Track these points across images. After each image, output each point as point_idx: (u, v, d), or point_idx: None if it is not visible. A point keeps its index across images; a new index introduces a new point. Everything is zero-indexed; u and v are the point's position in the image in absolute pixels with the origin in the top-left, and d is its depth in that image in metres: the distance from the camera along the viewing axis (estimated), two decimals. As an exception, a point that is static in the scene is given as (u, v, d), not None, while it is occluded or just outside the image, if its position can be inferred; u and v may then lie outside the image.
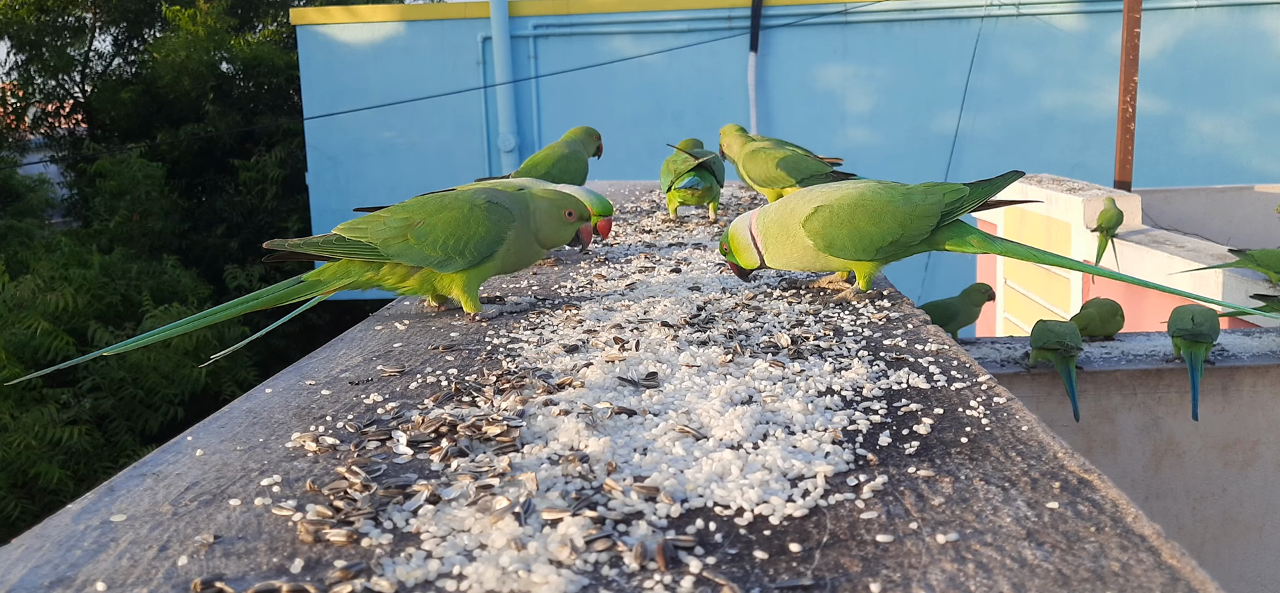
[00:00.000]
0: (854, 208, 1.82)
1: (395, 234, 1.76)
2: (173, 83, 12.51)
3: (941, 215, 1.81)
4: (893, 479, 0.98)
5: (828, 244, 1.82)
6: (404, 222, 1.78)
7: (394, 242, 1.76)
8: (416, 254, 1.76)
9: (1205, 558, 2.65)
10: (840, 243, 1.81)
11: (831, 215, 1.82)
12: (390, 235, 1.76)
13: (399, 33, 10.79)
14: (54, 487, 6.74)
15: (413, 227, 1.76)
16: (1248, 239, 5.51)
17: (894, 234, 1.80)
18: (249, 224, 12.06)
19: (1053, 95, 10.25)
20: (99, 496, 1.00)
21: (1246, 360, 2.61)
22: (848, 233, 1.81)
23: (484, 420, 1.17)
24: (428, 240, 1.76)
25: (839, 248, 1.82)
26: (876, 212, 1.81)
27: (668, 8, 10.34)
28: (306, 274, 1.82)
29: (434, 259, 1.76)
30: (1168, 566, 0.77)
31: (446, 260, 1.76)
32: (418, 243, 1.76)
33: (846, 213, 1.82)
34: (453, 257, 1.76)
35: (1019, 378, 2.58)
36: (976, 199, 1.84)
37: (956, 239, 1.85)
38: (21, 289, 7.73)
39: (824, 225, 1.82)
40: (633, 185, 4.15)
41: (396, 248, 1.76)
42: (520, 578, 0.79)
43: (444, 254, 1.76)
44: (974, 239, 1.85)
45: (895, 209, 1.81)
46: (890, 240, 1.81)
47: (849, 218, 1.81)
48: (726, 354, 1.44)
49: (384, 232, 1.77)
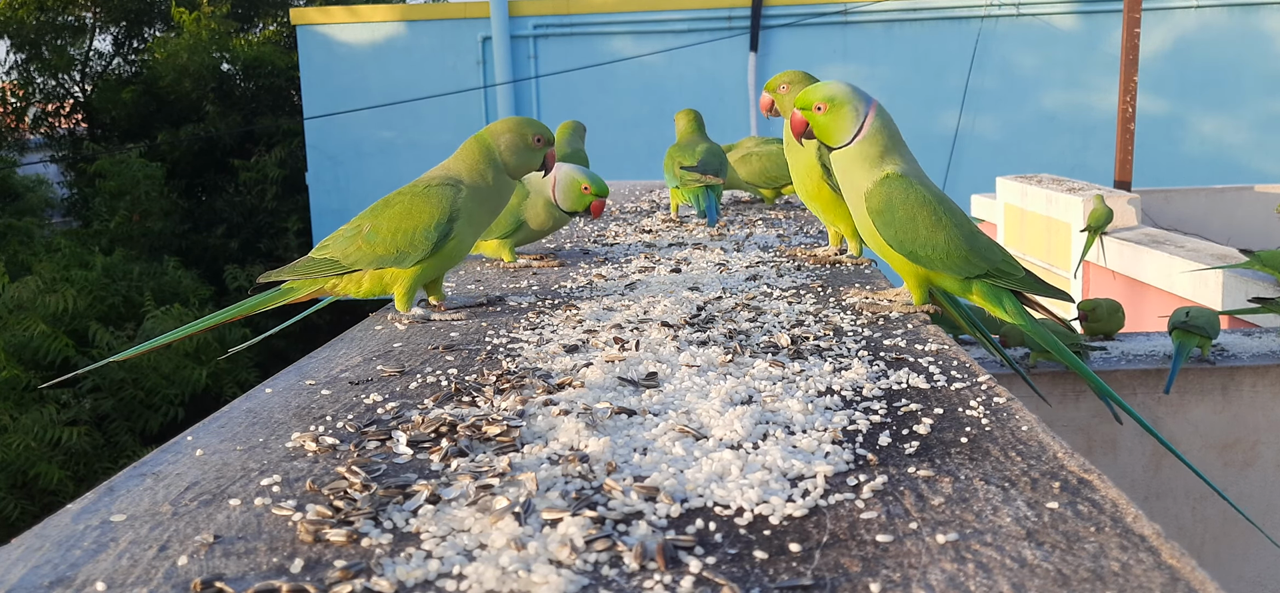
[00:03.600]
0: (924, 203, 1.66)
1: (349, 243, 1.76)
2: (173, 83, 12.52)
3: (986, 272, 1.69)
4: (893, 479, 0.98)
5: (879, 207, 1.67)
6: (355, 228, 1.77)
7: (350, 251, 1.75)
8: (370, 257, 1.74)
9: (1205, 558, 2.65)
10: (895, 215, 1.66)
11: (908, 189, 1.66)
12: (346, 246, 1.76)
13: (399, 33, 10.79)
14: (54, 488, 6.74)
15: (361, 231, 1.75)
16: (1248, 239, 5.51)
17: (941, 250, 1.67)
18: (249, 224, 12.06)
19: (1053, 95, 10.25)
20: (99, 496, 1.00)
21: (1246, 360, 2.61)
22: (906, 213, 1.66)
23: (484, 420, 1.17)
24: (377, 240, 1.74)
25: (885, 222, 1.67)
26: (937, 219, 1.66)
27: (668, 8, 10.35)
28: (282, 286, 1.82)
29: (388, 258, 1.74)
30: (1168, 566, 0.77)
31: (400, 256, 1.74)
32: (369, 245, 1.74)
33: (918, 197, 1.66)
34: (405, 251, 1.73)
35: (1019, 378, 2.58)
36: (1026, 286, 1.72)
37: (991, 299, 1.73)
38: (23, 291, 7.74)
39: (893, 190, 1.66)
40: (633, 185, 4.15)
41: (353, 256, 1.75)
42: (520, 578, 0.79)
43: (395, 251, 1.73)
44: (1009, 307, 1.72)
45: (955, 232, 1.67)
46: (931, 251, 1.67)
47: (919, 202, 1.66)
48: (726, 354, 1.44)
49: (341, 244, 1.77)
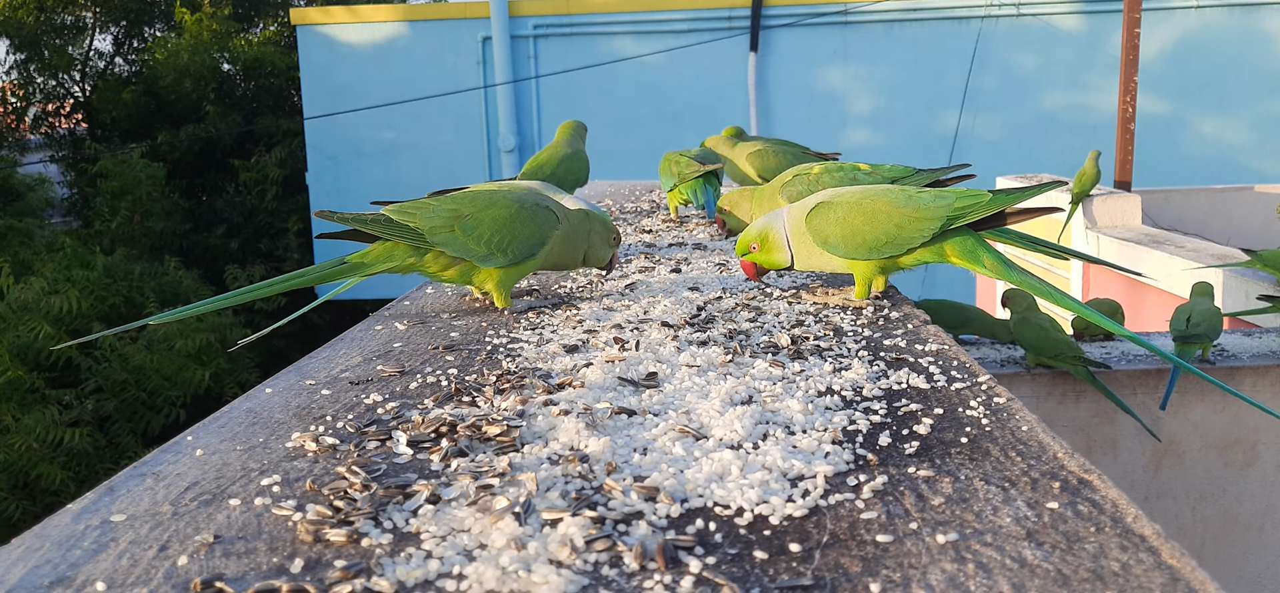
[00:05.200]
0: (850, 207, 1.79)
1: (443, 223, 1.81)
2: (174, 83, 12.52)
3: (946, 221, 1.72)
4: (893, 479, 0.98)
5: (824, 241, 1.79)
6: (453, 213, 1.82)
7: (441, 231, 1.80)
8: (461, 246, 1.80)
9: (1205, 558, 2.65)
10: (834, 240, 1.78)
11: (829, 212, 1.80)
12: (438, 224, 1.81)
13: (399, 33, 10.79)
14: (55, 488, 6.74)
15: (461, 218, 1.81)
16: (1248, 239, 5.51)
17: (888, 235, 1.75)
18: (249, 225, 12.07)
19: (1053, 95, 10.25)
20: (99, 495, 1.00)
21: (1246, 361, 2.61)
22: (841, 231, 1.78)
23: (484, 420, 1.17)
24: (474, 234, 1.80)
25: (833, 245, 1.79)
26: (871, 211, 1.77)
27: (668, 8, 10.35)
28: (350, 256, 1.86)
29: (477, 253, 1.81)
30: (1168, 566, 0.77)
31: (489, 255, 1.81)
32: (464, 235, 1.80)
33: (842, 211, 1.79)
34: (494, 253, 1.81)
35: (1019, 378, 2.58)
36: (993, 208, 1.71)
37: (967, 256, 1.75)
38: (27, 291, 7.74)
39: (821, 222, 1.80)
40: (633, 185, 4.15)
41: (443, 237, 1.80)
42: (520, 578, 0.79)
43: (487, 249, 1.81)
44: (987, 260, 1.74)
45: (892, 210, 1.75)
46: (884, 241, 1.75)
47: (844, 216, 1.78)
48: (726, 354, 1.44)
49: (432, 219, 1.81)
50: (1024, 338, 2.53)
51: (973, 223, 1.75)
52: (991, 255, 1.76)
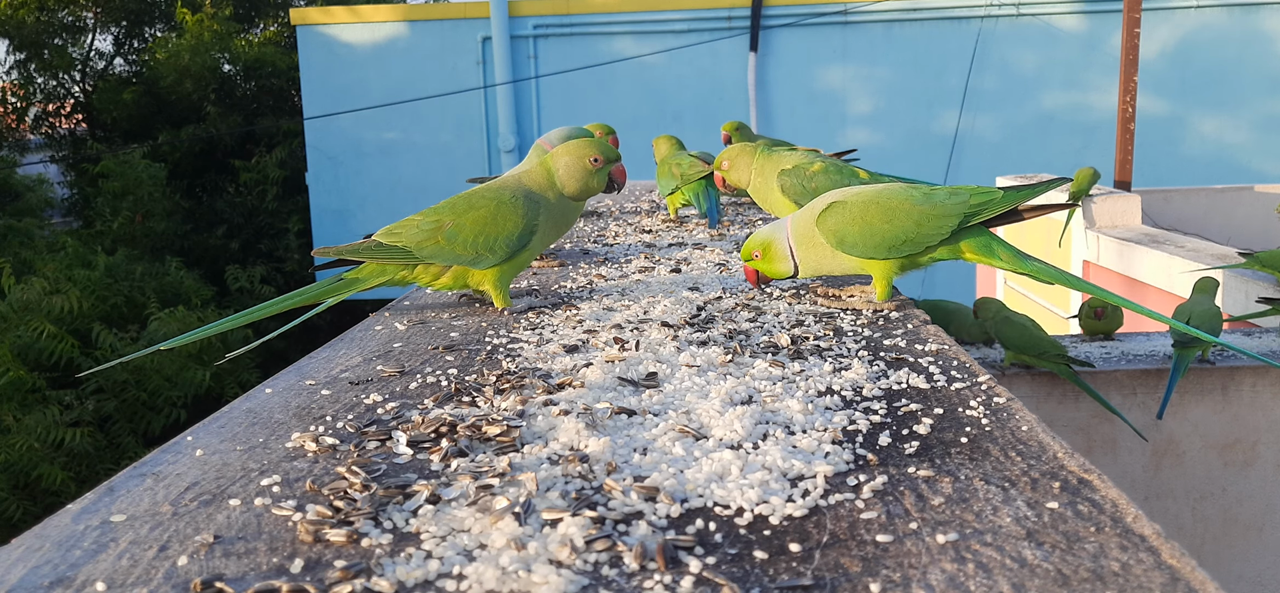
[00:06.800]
0: (867, 204, 1.77)
1: (427, 236, 1.82)
2: (174, 84, 12.53)
3: (963, 218, 1.74)
4: (893, 479, 0.98)
5: (840, 240, 1.77)
6: (435, 224, 1.83)
7: (427, 244, 1.82)
8: (449, 254, 1.82)
9: (1205, 558, 2.65)
10: (851, 239, 1.76)
11: (845, 211, 1.77)
12: (423, 238, 1.82)
13: (399, 33, 10.79)
14: (56, 489, 6.75)
15: (443, 228, 1.82)
16: (1248, 239, 5.51)
17: (908, 233, 1.74)
18: (249, 225, 12.07)
19: (1053, 95, 10.25)
20: (99, 496, 1.00)
21: (1246, 361, 2.61)
22: (860, 229, 1.76)
23: (484, 420, 1.17)
24: (458, 240, 1.81)
25: (850, 245, 1.77)
26: (890, 209, 1.75)
27: (668, 8, 10.35)
28: (345, 273, 1.87)
29: (466, 257, 1.82)
30: (1168, 566, 0.77)
31: (478, 257, 1.82)
32: (449, 243, 1.81)
33: (860, 209, 1.77)
34: (483, 254, 1.82)
35: (1019, 378, 2.58)
36: (1007, 204, 1.74)
37: (982, 250, 1.76)
38: (29, 292, 7.75)
39: (837, 221, 1.77)
40: (633, 185, 4.15)
41: (429, 250, 1.82)
42: (520, 578, 0.79)
43: (475, 252, 1.81)
44: (1003, 254, 1.75)
45: (911, 207, 1.75)
46: (903, 240, 1.75)
47: (862, 214, 1.76)
48: (726, 354, 1.44)
49: (417, 234, 1.83)
50: (1006, 337, 2.53)
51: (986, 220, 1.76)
52: (1006, 249, 1.77)
